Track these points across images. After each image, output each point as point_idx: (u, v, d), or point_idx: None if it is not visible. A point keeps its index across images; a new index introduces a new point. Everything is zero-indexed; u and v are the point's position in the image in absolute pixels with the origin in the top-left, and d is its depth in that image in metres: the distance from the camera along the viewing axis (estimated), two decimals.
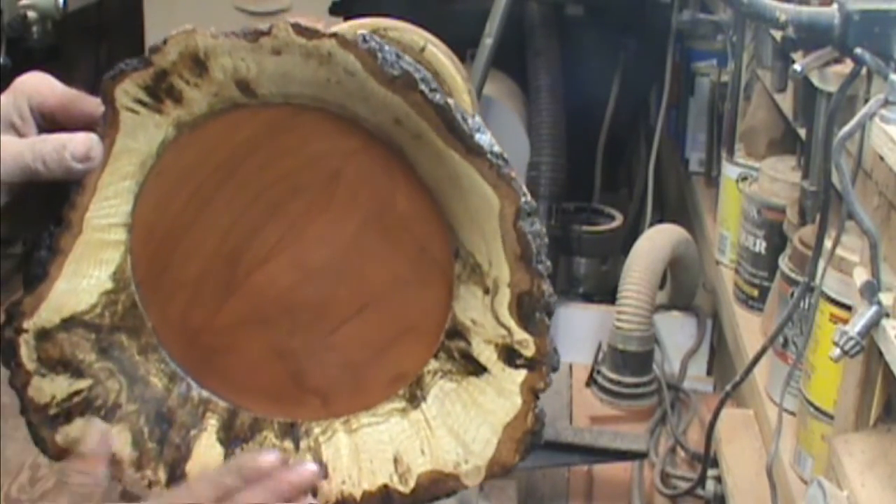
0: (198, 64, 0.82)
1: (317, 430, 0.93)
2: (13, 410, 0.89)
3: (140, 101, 0.83)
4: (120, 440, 0.88)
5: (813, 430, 1.31)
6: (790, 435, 1.37)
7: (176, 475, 0.90)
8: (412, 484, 0.92)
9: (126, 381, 0.89)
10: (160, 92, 0.83)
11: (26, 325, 0.86)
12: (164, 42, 0.81)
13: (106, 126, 0.84)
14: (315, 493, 0.92)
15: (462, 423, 0.92)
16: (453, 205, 0.88)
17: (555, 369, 0.91)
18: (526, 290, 0.88)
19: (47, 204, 0.85)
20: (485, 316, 0.90)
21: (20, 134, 0.85)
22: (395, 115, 0.84)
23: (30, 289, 0.86)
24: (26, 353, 0.86)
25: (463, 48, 1.98)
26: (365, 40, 0.81)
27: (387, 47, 0.82)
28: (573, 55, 2.32)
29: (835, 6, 1.06)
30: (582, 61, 2.37)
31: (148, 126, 0.84)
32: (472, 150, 0.84)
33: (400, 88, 0.82)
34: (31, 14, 2.17)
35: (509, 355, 0.90)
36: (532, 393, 0.91)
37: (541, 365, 0.90)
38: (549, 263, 0.89)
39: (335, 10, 2.52)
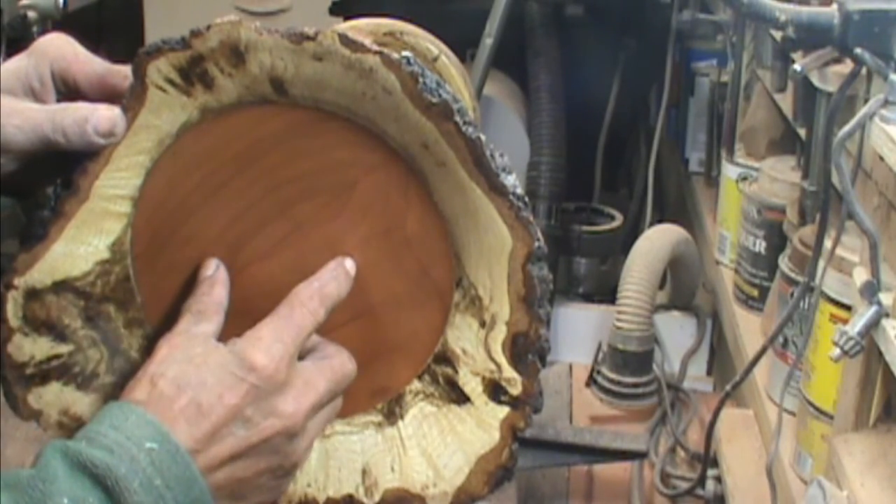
0: (236, 55, 0.81)
1: None
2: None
3: (171, 81, 0.83)
4: (91, 410, 0.87)
5: (813, 430, 1.31)
6: (790, 435, 1.37)
7: None
8: (377, 498, 0.92)
9: (108, 352, 0.89)
10: (193, 75, 0.82)
11: (17, 282, 0.85)
12: (207, 28, 0.81)
13: (131, 99, 0.83)
14: None
15: (437, 447, 0.92)
16: (464, 236, 0.88)
17: (537, 411, 0.91)
18: (523, 331, 0.88)
19: (61, 163, 0.84)
20: (476, 348, 0.90)
21: (38, 99, 0.84)
22: (424, 139, 0.84)
23: (26, 247, 0.85)
24: (12, 310, 0.86)
25: (463, 48, 1.98)
26: (409, 63, 0.81)
27: (429, 73, 0.81)
28: (573, 55, 2.32)
29: (835, 6, 1.06)
30: (582, 61, 2.36)
31: (174, 106, 0.84)
32: (495, 189, 0.84)
33: (435, 116, 0.82)
34: (31, 14, 2.17)
35: (495, 390, 0.91)
36: (511, 430, 0.91)
37: (525, 405, 0.90)
38: (549, 309, 0.89)
39: (335, 10, 2.52)
